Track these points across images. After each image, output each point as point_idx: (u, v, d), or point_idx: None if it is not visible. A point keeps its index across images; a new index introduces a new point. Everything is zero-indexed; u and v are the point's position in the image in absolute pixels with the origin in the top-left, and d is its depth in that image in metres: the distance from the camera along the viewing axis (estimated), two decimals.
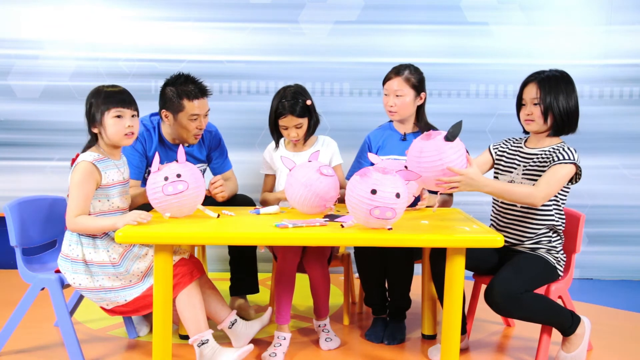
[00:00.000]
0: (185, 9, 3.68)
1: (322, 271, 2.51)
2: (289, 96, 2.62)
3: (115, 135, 2.22)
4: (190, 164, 2.24)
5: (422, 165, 2.06)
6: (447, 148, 2.05)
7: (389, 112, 2.72)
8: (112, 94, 2.23)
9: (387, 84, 2.70)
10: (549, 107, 2.28)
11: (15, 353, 2.44)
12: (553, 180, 2.22)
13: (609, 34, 3.67)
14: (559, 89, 2.28)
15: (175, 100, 2.62)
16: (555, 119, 2.29)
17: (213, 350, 2.18)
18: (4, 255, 3.62)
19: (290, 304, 2.46)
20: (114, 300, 2.21)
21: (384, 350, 2.54)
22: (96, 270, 2.19)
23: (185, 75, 2.67)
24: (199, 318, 2.20)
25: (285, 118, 2.62)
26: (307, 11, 3.69)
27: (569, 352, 2.31)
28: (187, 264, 2.24)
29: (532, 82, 2.33)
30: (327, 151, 2.76)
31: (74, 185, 2.16)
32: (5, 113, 3.70)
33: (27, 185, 3.72)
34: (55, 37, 3.68)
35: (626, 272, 3.82)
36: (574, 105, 2.30)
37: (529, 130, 2.38)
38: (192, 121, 2.65)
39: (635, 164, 3.75)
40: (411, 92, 2.67)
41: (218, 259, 3.74)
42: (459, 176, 2.04)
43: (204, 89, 2.68)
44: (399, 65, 2.71)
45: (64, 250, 2.24)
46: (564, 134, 2.35)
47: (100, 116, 2.21)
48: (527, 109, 2.34)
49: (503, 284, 2.19)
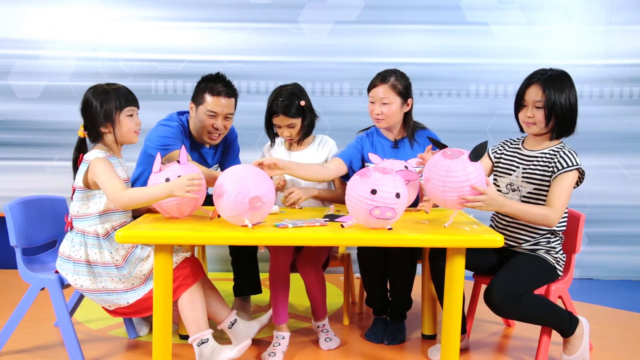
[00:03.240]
0: (185, 9, 3.68)
1: (315, 276, 2.51)
2: (283, 95, 2.61)
3: (128, 133, 2.25)
4: (193, 166, 2.24)
5: (449, 185, 2.00)
6: (473, 168, 2.01)
7: (375, 120, 2.65)
8: (124, 93, 2.24)
9: (373, 91, 2.61)
10: (552, 109, 2.24)
11: (15, 353, 2.44)
12: (562, 194, 2.21)
13: (609, 34, 3.67)
14: (563, 89, 2.25)
15: (201, 93, 2.68)
16: (558, 121, 2.26)
17: (212, 349, 2.18)
18: (4, 255, 3.62)
19: (287, 303, 2.46)
20: (115, 302, 2.21)
21: (384, 350, 2.54)
22: (100, 271, 2.19)
23: (220, 74, 2.72)
24: (200, 318, 2.20)
25: (278, 117, 2.62)
26: (307, 11, 3.69)
27: (571, 354, 2.30)
28: (190, 265, 2.24)
29: (536, 83, 2.28)
30: (324, 151, 2.75)
31: (100, 171, 2.13)
32: (5, 113, 3.70)
33: (27, 185, 3.72)
34: (55, 37, 3.68)
35: (626, 272, 3.82)
36: (574, 105, 2.28)
37: (528, 132, 2.36)
38: (209, 117, 2.66)
39: (635, 164, 3.75)
40: (398, 100, 2.59)
41: (218, 259, 3.74)
42: (483, 196, 2.02)
43: (230, 91, 2.69)
44: (384, 72, 2.63)
45: (64, 251, 2.24)
46: (563, 137, 2.34)
47: (114, 115, 2.21)
48: (529, 111, 2.30)
49: (502, 285, 2.19)
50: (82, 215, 2.21)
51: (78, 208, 2.21)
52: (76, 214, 2.22)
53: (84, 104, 2.25)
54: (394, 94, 2.59)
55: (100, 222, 2.20)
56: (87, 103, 2.24)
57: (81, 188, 2.21)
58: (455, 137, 2.75)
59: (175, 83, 3.72)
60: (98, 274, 2.19)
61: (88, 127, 2.25)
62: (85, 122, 2.26)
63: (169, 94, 3.71)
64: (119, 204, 2.13)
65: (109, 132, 2.24)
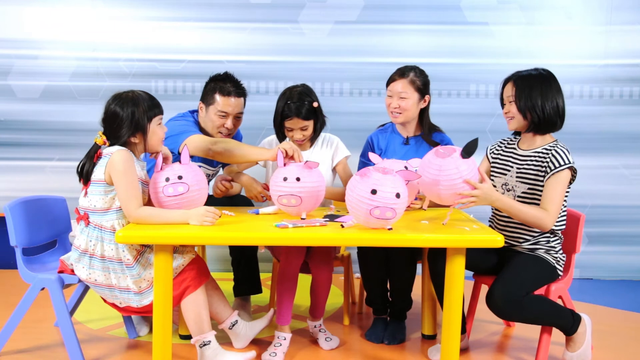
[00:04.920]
0: (185, 9, 3.68)
1: (327, 274, 2.51)
2: (295, 98, 2.55)
3: (158, 141, 2.23)
4: (194, 166, 2.24)
5: (443, 184, 2.06)
6: (465, 166, 2.06)
7: (391, 114, 2.67)
8: (155, 103, 2.23)
9: (391, 85, 2.65)
10: (525, 104, 2.29)
11: (15, 353, 2.44)
12: (556, 196, 2.22)
13: (609, 34, 3.67)
14: (533, 86, 2.29)
15: (210, 93, 2.69)
16: (532, 116, 2.29)
17: (215, 352, 2.19)
18: (4, 255, 3.62)
19: (292, 305, 2.46)
20: (126, 301, 2.21)
21: (384, 350, 2.54)
22: (115, 267, 2.17)
23: (228, 74, 2.73)
24: (203, 319, 2.20)
25: (291, 120, 2.56)
26: (307, 11, 3.69)
27: (574, 350, 2.31)
28: (196, 267, 2.23)
29: (510, 81, 2.37)
30: (330, 149, 2.73)
31: (120, 175, 2.09)
32: (5, 113, 3.70)
33: (27, 185, 3.72)
34: (55, 37, 3.68)
35: (626, 272, 3.82)
36: (553, 103, 2.29)
37: (510, 128, 2.40)
38: (220, 118, 2.68)
39: (635, 164, 3.75)
40: (415, 95, 2.62)
41: (218, 259, 3.74)
42: (477, 190, 2.07)
43: (240, 91, 2.71)
44: (404, 67, 2.66)
45: (79, 245, 2.20)
46: (547, 132, 2.35)
47: (146, 124, 2.18)
48: (506, 107, 2.38)
49: (504, 288, 2.19)
50: (100, 209, 2.17)
51: (96, 202, 2.17)
52: (93, 208, 2.17)
53: (110, 115, 2.17)
54: (412, 89, 2.62)
55: (117, 218, 2.17)
56: (114, 114, 2.16)
57: (102, 181, 2.15)
58: (455, 137, 2.75)
59: (175, 83, 3.71)
60: (113, 270, 2.18)
61: (112, 136, 2.18)
62: (109, 131, 2.18)
63: (169, 94, 3.71)
64: (130, 218, 2.11)
65: (139, 142, 2.20)
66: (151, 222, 2.08)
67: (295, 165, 2.26)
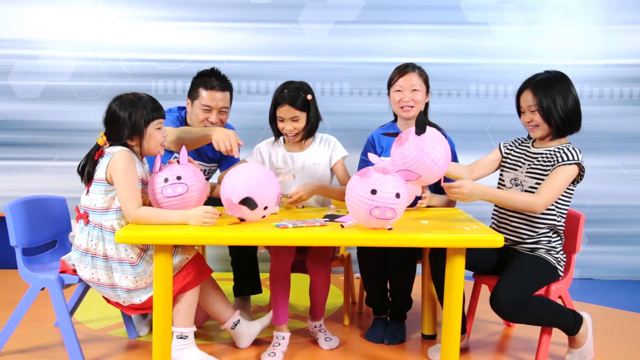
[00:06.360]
0: (185, 9, 3.68)
1: (325, 275, 2.51)
2: (290, 88, 2.57)
3: (155, 146, 2.23)
4: (193, 166, 2.23)
5: (414, 169, 2.09)
6: (426, 142, 2.08)
7: (401, 109, 2.67)
8: (156, 106, 2.22)
9: (403, 78, 2.65)
10: (548, 111, 2.27)
11: (15, 353, 2.44)
12: (555, 185, 2.22)
13: (609, 34, 3.67)
14: (554, 90, 2.27)
15: (195, 88, 2.72)
16: (557, 121, 2.28)
17: (186, 345, 2.22)
18: (4, 255, 3.62)
19: (287, 304, 2.46)
20: (129, 300, 2.21)
21: (384, 350, 2.54)
22: (116, 266, 2.17)
23: (214, 69, 2.76)
24: (189, 316, 2.23)
25: (282, 108, 2.55)
26: (307, 11, 3.69)
27: (577, 348, 2.33)
28: (197, 264, 2.24)
29: (526, 89, 2.33)
30: (327, 149, 2.72)
31: (120, 174, 2.10)
32: (5, 113, 3.71)
33: (27, 185, 3.72)
34: (55, 37, 3.68)
35: (626, 272, 3.82)
36: (573, 104, 2.28)
37: (534, 136, 2.38)
38: (204, 112, 2.69)
39: (635, 164, 3.75)
40: (424, 88, 2.69)
41: (218, 259, 3.74)
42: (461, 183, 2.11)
43: (224, 85, 2.73)
44: (408, 63, 2.70)
45: (81, 244, 2.20)
46: (569, 134, 2.35)
47: (144, 127, 2.17)
48: (527, 117, 2.34)
49: (507, 290, 2.19)
50: (100, 209, 2.17)
51: (96, 201, 2.17)
52: (94, 207, 2.17)
53: (110, 116, 2.18)
54: (421, 82, 2.68)
55: (117, 218, 2.17)
56: (113, 115, 2.17)
57: (103, 180, 2.15)
58: (455, 137, 2.75)
59: (176, 83, 3.72)
60: (115, 269, 2.18)
61: (112, 137, 2.19)
62: (109, 132, 2.20)
63: (169, 94, 3.71)
64: (129, 218, 2.12)
65: (136, 145, 2.20)
66: (150, 222, 2.08)
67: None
